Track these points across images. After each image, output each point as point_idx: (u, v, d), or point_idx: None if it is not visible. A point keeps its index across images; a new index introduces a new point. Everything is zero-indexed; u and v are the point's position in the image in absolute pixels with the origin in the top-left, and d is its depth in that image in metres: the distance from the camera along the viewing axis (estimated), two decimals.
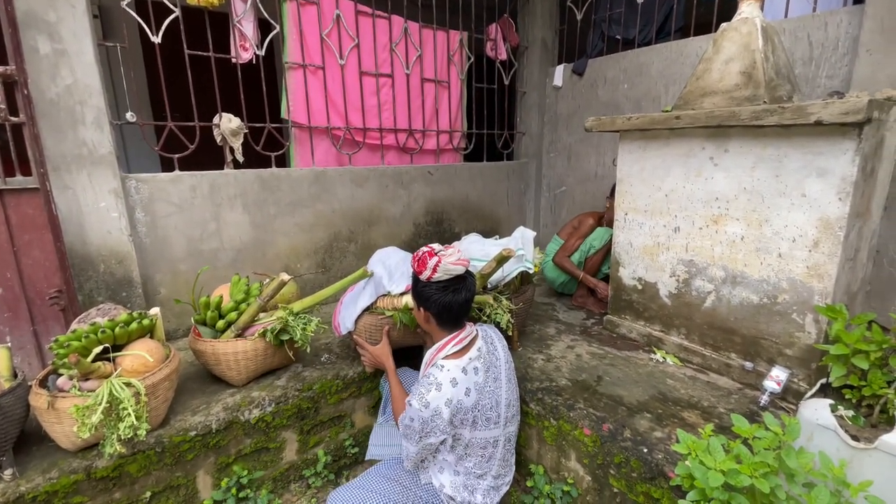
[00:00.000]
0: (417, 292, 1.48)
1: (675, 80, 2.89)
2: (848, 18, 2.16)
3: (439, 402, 1.34)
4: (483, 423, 1.43)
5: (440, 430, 1.36)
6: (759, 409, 1.67)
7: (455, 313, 1.45)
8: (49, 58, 1.81)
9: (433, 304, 1.43)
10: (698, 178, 1.90)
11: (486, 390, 1.44)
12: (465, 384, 1.38)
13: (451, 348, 1.44)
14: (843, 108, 1.41)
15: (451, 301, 1.42)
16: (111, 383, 1.36)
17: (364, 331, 1.81)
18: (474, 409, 1.40)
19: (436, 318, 1.46)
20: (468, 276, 1.48)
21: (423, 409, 1.33)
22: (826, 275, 1.60)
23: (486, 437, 1.45)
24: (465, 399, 1.38)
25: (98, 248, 2.00)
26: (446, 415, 1.34)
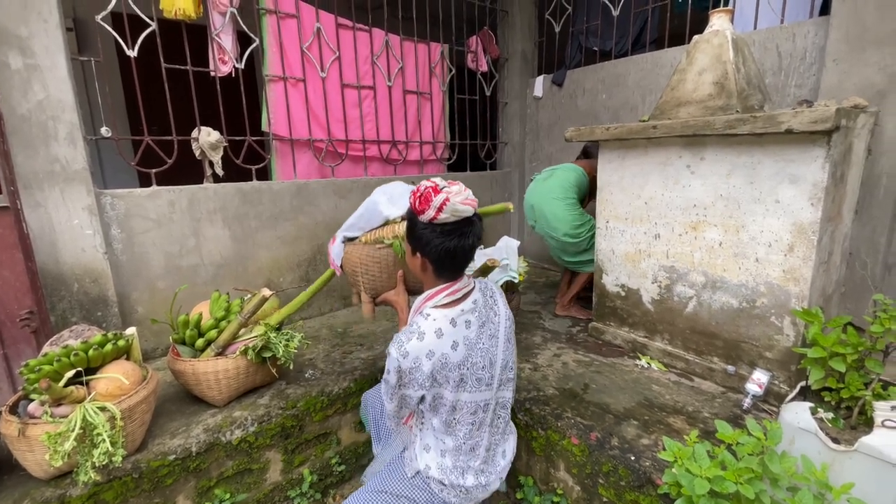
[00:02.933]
0: (415, 235, 1.26)
1: (652, 90, 2.96)
2: (815, 29, 2.24)
3: (420, 352, 1.19)
4: (473, 384, 1.26)
5: (418, 384, 1.21)
6: (742, 412, 1.69)
7: (457, 262, 1.25)
8: (20, 73, 1.77)
9: (433, 251, 1.22)
10: (676, 186, 1.93)
11: (478, 347, 1.26)
12: (452, 337, 1.22)
13: (441, 298, 1.26)
14: (812, 117, 1.46)
15: (454, 247, 1.22)
16: (84, 408, 1.31)
17: (359, 264, 1.57)
18: (461, 366, 1.23)
19: (434, 265, 1.26)
20: (476, 219, 1.27)
21: (402, 359, 1.19)
22: (802, 278, 1.64)
23: (475, 401, 1.28)
24: (450, 353, 1.21)
25: (71, 267, 1.94)
26: (427, 368, 1.19)
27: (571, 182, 2.55)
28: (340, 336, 2.42)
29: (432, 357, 1.20)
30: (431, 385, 1.22)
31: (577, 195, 2.57)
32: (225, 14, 2.29)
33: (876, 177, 1.98)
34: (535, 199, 2.61)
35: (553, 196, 2.54)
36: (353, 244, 1.61)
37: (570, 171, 2.59)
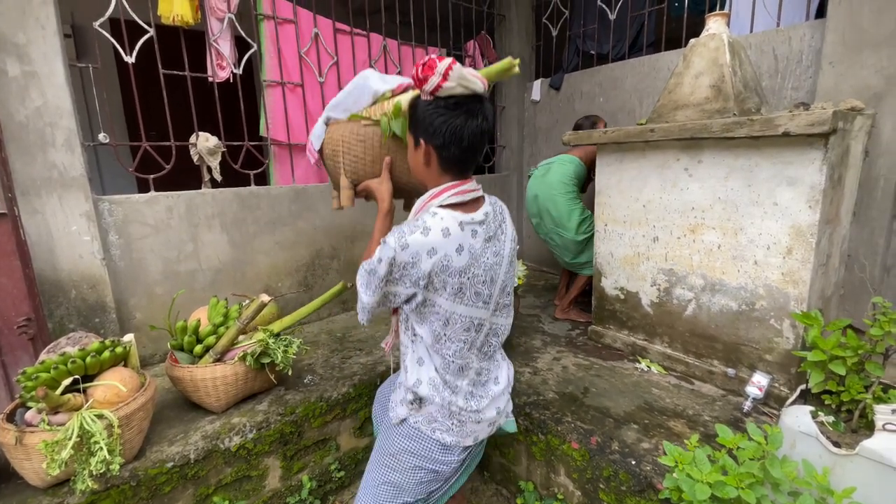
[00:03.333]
0: (417, 118, 1.12)
1: (649, 94, 2.96)
2: (811, 32, 2.25)
3: (421, 248, 1.06)
4: (471, 297, 1.14)
5: (412, 282, 1.08)
6: (742, 415, 1.69)
7: (466, 148, 1.10)
8: (18, 80, 1.77)
9: (438, 133, 1.08)
10: (674, 189, 1.93)
11: (482, 260, 1.14)
12: (458, 240, 1.09)
13: (448, 197, 1.13)
14: (809, 120, 1.46)
15: (462, 127, 1.07)
16: (82, 416, 1.30)
17: (341, 142, 1.39)
18: (463, 273, 1.10)
19: (439, 154, 1.11)
20: (486, 100, 1.13)
21: (399, 250, 1.06)
22: (800, 281, 1.64)
23: (470, 316, 1.16)
24: (454, 257, 1.08)
25: (69, 274, 1.94)
26: (426, 266, 1.07)
27: (570, 175, 2.59)
28: (339, 341, 2.42)
29: (433, 255, 1.07)
30: (426, 286, 1.09)
31: (577, 187, 2.61)
32: (223, 20, 2.30)
33: (874, 179, 1.99)
34: (538, 190, 2.65)
35: (555, 192, 2.57)
36: (336, 122, 1.44)
37: (566, 163, 2.62)
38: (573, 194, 2.58)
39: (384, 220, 1.32)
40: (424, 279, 1.08)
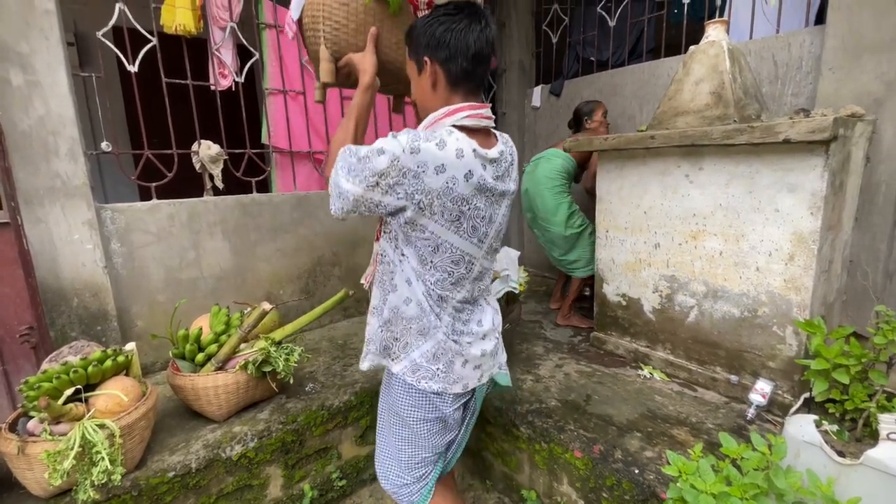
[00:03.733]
0: (416, 38, 1.08)
1: (649, 100, 2.97)
2: (810, 38, 2.25)
3: (432, 160, 0.97)
4: (468, 231, 1.07)
5: (406, 194, 0.98)
6: (746, 422, 1.68)
7: (473, 57, 1.04)
8: (21, 90, 1.78)
9: (443, 43, 1.02)
10: (675, 196, 1.93)
11: (486, 195, 1.07)
12: (470, 166, 1.01)
13: (463, 117, 1.05)
14: (809, 127, 1.47)
15: (466, 32, 1.02)
16: (84, 426, 1.30)
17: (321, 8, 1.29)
18: (465, 203, 1.03)
19: (447, 70, 1.05)
20: (483, 7, 1.08)
21: (408, 154, 0.95)
22: (803, 287, 1.63)
23: (462, 250, 1.08)
24: (461, 182, 1.00)
25: (71, 282, 1.94)
26: (430, 182, 0.97)
27: (556, 169, 2.64)
28: (340, 348, 2.41)
29: (441, 174, 0.98)
30: (420, 205, 1.00)
31: (566, 180, 2.66)
32: (225, 29, 2.31)
33: (875, 184, 1.98)
34: (528, 185, 2.74)
35: (542, 187, 2.65)
36: None
37: (552, 158, 2.69)
38: (560, 188, 2.63)
39: (364, 94, 1.20)
40: (421, 195, 0.98)
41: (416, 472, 1.27)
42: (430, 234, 1.04)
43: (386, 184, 0.98)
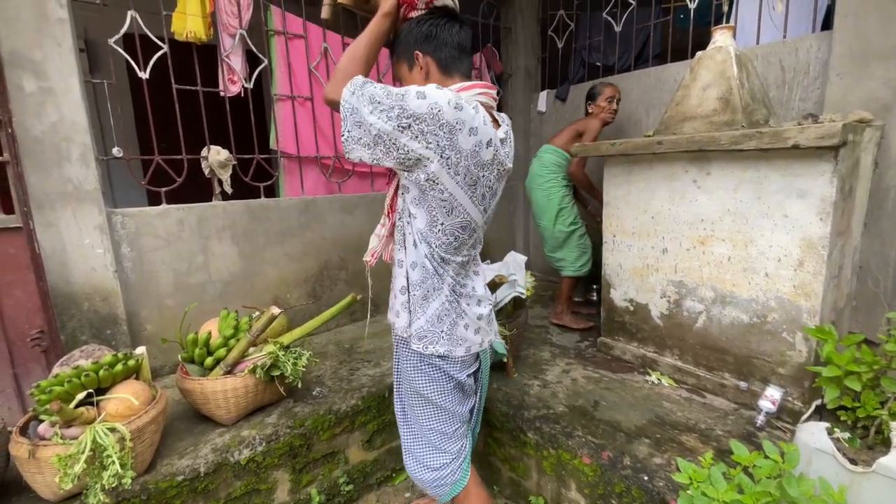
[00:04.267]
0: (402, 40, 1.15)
1: (655, 105, 2.97)
2: (818, 44, 2.25)
3: (469, 121, 0.98)
4: (478, 198, 1.10)
5: (437, 146, 0.97)
6: (755, 429, 1.67)
7: (459, 51, 1.13)
8: (35, 96, 1.80)
9: (431, 39, 1.11)
10: (683, 201, 1.93)
11: (496, 166, 1.11)
12: (490, 135, 1.05)
13: (476, 93, 1.10)
14: (818, 133, 1.46)
15: (451, 33, 1.12)
16: (95, 430, 1.31)
17: None
18: (483, 170, 1.06)
19: (437, 59, 1.13)
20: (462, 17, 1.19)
21: (452, 107, 0.96)
22: (813, 293, 1.63)
23: (471, 215, 1.11)
24: (483, 150, 1.04)
25: (82, 286, 1.96)
26: (462, 141, 0.98)
27: (546, 164, 2.72)
28: (347, 352, 2.42)
29: (473, 136, 1.00)
30: (448, 166, 1.00)
31: (554, 174, 2.70)
32: (234, 36, 2.34)
33: (884, 190, 1.98)
34: (527, 182, 2.84)
35: (533, 184, 2.75)
36: None
37: (543, 154, 2.77)
38: (550, 183, 2.69)
39: (381, 21, 1.14)
40: (451, 152, 0.99)
41: (451, 446, 1.30)
42: (448, 195, 1.05)
43: (419, 129, 0.97)
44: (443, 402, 1.25)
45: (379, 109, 0.98)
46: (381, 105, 0.98)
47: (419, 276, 1.16)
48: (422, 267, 1.15)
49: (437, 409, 1.27)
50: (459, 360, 1.24)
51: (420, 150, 0.99)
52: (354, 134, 1.01)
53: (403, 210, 1.15)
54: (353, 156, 1.05)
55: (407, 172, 1.06)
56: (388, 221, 1.27)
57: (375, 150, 1.01)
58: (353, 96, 1.01)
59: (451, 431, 1.29)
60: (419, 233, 1.12)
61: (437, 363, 1.21)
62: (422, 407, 1.28)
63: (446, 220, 1.09)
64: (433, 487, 1.33)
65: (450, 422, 1.29)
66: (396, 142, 0.99)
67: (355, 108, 1.00)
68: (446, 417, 1.28)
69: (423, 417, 1.29)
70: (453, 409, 1.27)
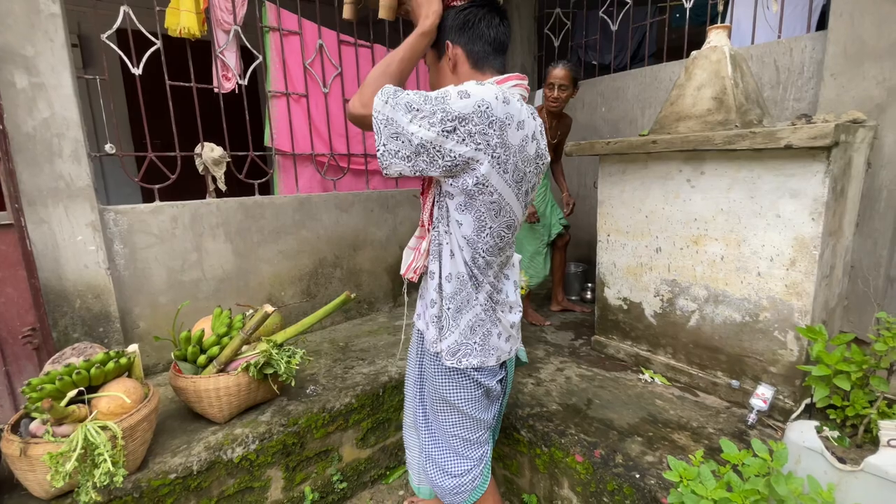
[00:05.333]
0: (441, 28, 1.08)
1: (651, 104, 2.98)
2: (812, 44, 2.26)
3: (517, 114, 0.95)
4: (522, 195, 1.07)
5: (487, 145, 0.92)
6: (747, 427, 1.68)
7: (493, 47, 1.07)
8: (26, 92, 1.79)
9: (466, 31, 1.05)
10: (677, 200, 1.94)
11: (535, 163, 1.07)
12: (532, 129, 1.02)
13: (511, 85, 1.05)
14: (811, 133, 1.47)
15: (489, 27, 1.06)
16: (86, 428, 1.30)
17: None
18: (528, 165, 1.03)
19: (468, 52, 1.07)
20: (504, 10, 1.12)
21: (497, 102, 0.91)
22: (804, 292, 1.64)
23: (515, 214, 1.07)
24: (529, 144, 1.00)
25: (74, 283, 1.95)
26: (510, 136, 0.94)
27: None
28: (342, 350, 2.42)
29: (521, 130, 0.97)
30: (498, 164, 0.95)
31: None
32: (229, 32, 2.32)
33: (876, 190, 1.99)
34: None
35: None
36: None
37: None
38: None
39: (418, 40, 1.08)
40: (502, 149, 0.94)
41: (474, 452, 1.27)
42: (497, 196, 1.00)
43: (466, 130, 0.90)
44: (469, 409, 1.21)
45: (420, 117, 0.91)
46: (420, 112, 0.91)
47: (453, 288, 1.11)
48: (457, 278, 1.10)
49: (462, 416, 1.23)
50: (489, 370, 1.21)
51: (469, 153, 0.92)
52: (391, 147, 0.94)
53: (440, 219, 1.09)
54: (391, 171, 0.97)
55: (452, 179, 0.98)
56: (427, 234, 1.17)
57: (417, 162, 0.94)
58: (387, 106, 0.93)
59: (475, 437, 1.26)
60: (464, 239, 1.05)
61: (469, 373, 1.18)
62: (447, 413, 1.24)
63: (494, 223, 1.04)
64: (452, 495, 1.27)
65: (474, 428, 1.25)
66: (441, 148, 0.92)
67: (390, 118, 0.93)
68: (471, 424, 1.24)
69: (447, 424, 1.25)
70: (479, 415, 1.23)
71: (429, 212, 1.13)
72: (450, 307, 1.12)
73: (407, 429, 1.52)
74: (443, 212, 1.07)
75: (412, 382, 1.40)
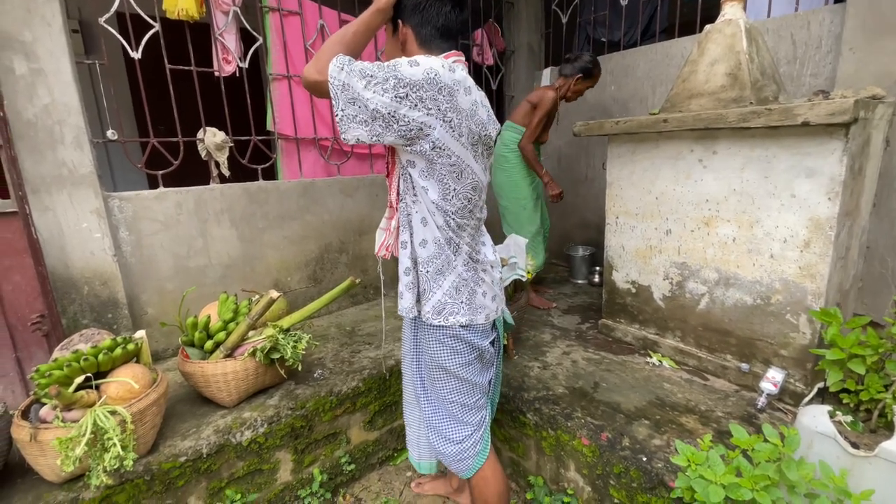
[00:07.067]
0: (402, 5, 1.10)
1: (662, 81, 2.89)
2: (830, 17, 2.17)
3: (464, 81, 1.01)
4: (481, 157, 1.12)
5: (438, 110, 0.97)
6: (756, 411, 1.66)
7: (440, 32, 1.10)
8: (25, 78, 1.77)
9: (416, 13, 1.08)
10: (688, 181, 1.89)
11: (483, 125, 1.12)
12: (468, 83, 1.05)
13: (451, 62, 1.07)
14: (829, 109, 1.41)
15: (440, 13, 1.08)
16: (95, 413, 1.32)
17: None
18: (480, 126, 1.08)
19: (416, 34, 1.10)
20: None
21: (444, 70, 0.97)
22: (818, 275, 1.60)
23: (477, 175, 1.11)
24: (478, 108, 1.07)
25: (81, 270, 1.95)
26: (461, 101, 1.00)
27: (506, 143, 2.67)
28: (349, 335, 2.42)
29: (469, 95, 1.03)
30: (451, 128, 1.00)
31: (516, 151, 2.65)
32: (228, 13, 2.27)
33: (894, 168, 1.92)
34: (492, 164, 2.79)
35: (497, 166, 2.71)
36: None
37: (505, 131, 2.69)
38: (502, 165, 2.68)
39: (374, 16, 1.09)
40: (454, 113, 0.99)
41: (472, 417, 1.32)
42: (456, 159, 1.05)
43: (417, 97, 0.95)
44: (465, 373, 1.26)
45: (373, 83, 0.95)
46: (374, 78, 0.96)
47: (431, 252, 1.15)
48: (434, 242, 1.14)
49: (459, 382, 1.28)
50: (480, 329, 1.25)
51: (421, 117, 0.97)
52: (349, 112, 0.98)
53: (405, 192, 1.14)
54: (349, 135, 1.01)
55: (410, 146, 1.03)
56: (395, 213, 1.21)
57: (374, 126, 0.99)
58: (343, 72, 0.97)
59: (473, 402, 1.32)
60: (433, 204, 1.10)
61: (460, 333, 1.21)
62: (444, 381, 1.30)
63: (458, 185, 1.09)
64: (456, 461, 1.33)
65: (471, 393, 1.31)
66: (395, 113, 0.96)
67: (346, 84, 0.97)
68: (468, 389, 1.30)
69: (445, 391, 1.31)
70: (475, 379, 1.29)
71: (395, 191, 1.18)
72: (429, 270, 1.16)
73: (407, 405, 1.57)
74: (407, 184, 1.12)
75: (409, 359, 1.44)
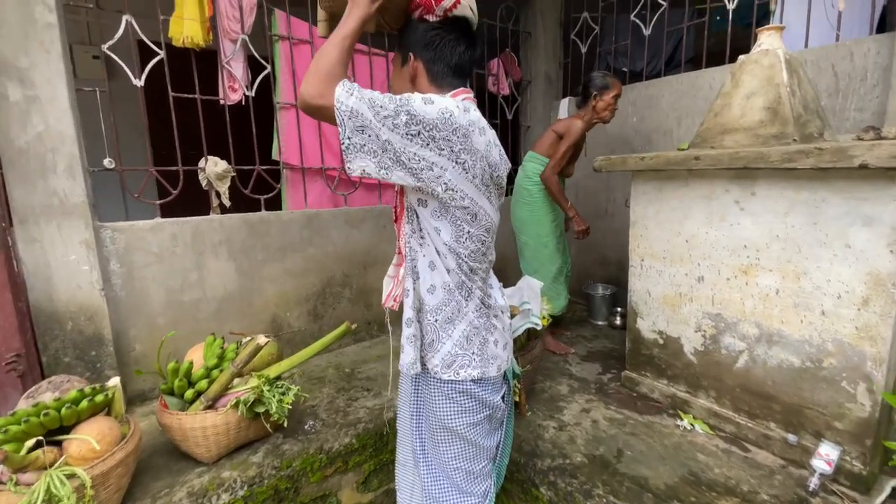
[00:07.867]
0: (407, 33, 1.06)
1: (688, 113, 2.74)
2: (876, 47, 2.00)
3: (478, 122, 0.97)
4: (493, 198, 1.06)
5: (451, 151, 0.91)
6: (808, 494, 1.43)
7: (454, 71, 1.06)
8: (19, 104, 1.70)
9: (430, 49, 1.03)
10: (722, 224, 1.70)
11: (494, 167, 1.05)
12: (482, 123, 1.01)
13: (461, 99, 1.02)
14: (892, 152, 1.23)
15: (454, 52, 1.04)
16: (50, 477, 1.17)
17: None
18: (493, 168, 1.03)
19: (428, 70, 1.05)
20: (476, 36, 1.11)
21: (459, 111, 0.93)
22: (879, 337, 1.38)
23: (491, 217, 1.05)
24: (493, 150, 1.03)
25: (66, 305, 1.84)
26: (476, 141, 0.95)
27: (529, 175, 2.55)
28: (347, 378, 2.25)
29: (483, 136, 0.98)
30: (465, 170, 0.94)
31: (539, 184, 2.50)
32: (236, 41, 2.21)
33: None
34: (513, 197, 2.66)
35: (519, 198, 2.59)
36: None
37: (527, 162, 2.58)
38: (525, 199, 2.55)
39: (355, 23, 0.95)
40: (467, 155, 0.94)
41: (477, 487, 1.18)
42: (469, 201, 0.99)
43: (429, 135, 0.89)
44: (472, 435, 1.13)
45: (383, 115, 0.87)
46: (384, 110, 0.87)
47: (440, 299, 1.06)
48: (443, 288, 1.05)
49: (465, 445, 1.15)
50: (492, 382, 1.14)
51: (433, 157, 0.91)
52: (356, 141, 0.90)
53: (411, 235, 1.07)
54: (354, 165, 0.92)
55: (422, 185, 0.94)
56: (404, 260, 1.11)
57: (383, 158, 0.90)
58: (352, 98, 0.88)
59: (478, 470, 1.18)
60: (445, 246, 1.02)
61: (471, 389, 1.09)
62: (448, 443, 1.15)
63: (472, 228, 1.02)
64: None
65: (477, 458, 1.17)
66: (406, 150, 0.89)
67: (355, 111, 0.87)
68: (474, 453, 1.16)
69: (448, 455, 1.16)
70: (482, 442, 1.16)
71: (404, 238, 1.10)
72: (437, 318, 1.06)
73: (401, 467, 1.36)
74: (414, 225, 1.05)
75: (407, 417, 1.26)
